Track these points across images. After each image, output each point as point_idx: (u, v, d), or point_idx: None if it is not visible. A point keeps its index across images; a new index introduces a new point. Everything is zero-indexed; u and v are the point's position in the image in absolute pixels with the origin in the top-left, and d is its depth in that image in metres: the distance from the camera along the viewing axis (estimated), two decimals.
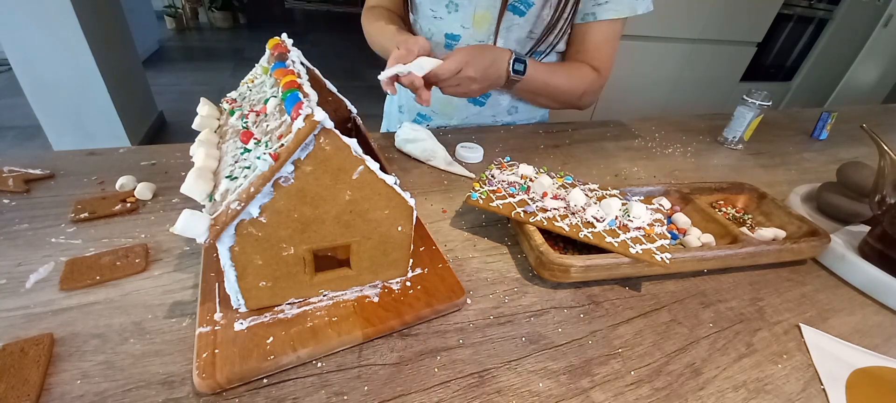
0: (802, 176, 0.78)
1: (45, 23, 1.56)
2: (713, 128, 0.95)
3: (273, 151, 0.27)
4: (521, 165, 0.53)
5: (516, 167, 0.54)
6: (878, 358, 0.40)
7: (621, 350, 0.37)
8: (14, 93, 2.09)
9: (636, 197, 0.55)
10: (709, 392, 0.35)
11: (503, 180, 0.51)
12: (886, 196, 0.50)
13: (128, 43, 2.08)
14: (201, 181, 0.32)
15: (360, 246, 0.35)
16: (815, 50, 2.90)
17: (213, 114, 0.43)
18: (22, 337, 0.31)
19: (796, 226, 0.53)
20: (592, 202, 0.48)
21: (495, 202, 0.47)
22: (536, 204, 0.47)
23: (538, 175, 0.52)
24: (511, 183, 0.50)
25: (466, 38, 0.74)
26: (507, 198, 0.48)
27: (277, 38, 0.42)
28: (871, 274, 0.48)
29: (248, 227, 0.29)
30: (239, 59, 3.65)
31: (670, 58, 2.32)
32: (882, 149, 0.51)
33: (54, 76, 1.67)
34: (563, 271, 0.41)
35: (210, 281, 0.36)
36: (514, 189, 0.49)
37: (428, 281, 0.39)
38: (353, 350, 0.34)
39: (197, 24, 4.61)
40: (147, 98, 2.29)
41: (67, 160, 0.54)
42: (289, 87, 0.31)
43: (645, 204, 0.47)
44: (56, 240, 0.41)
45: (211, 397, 0.29)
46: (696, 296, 0.45)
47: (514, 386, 0.33)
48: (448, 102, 0.81)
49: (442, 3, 0.71)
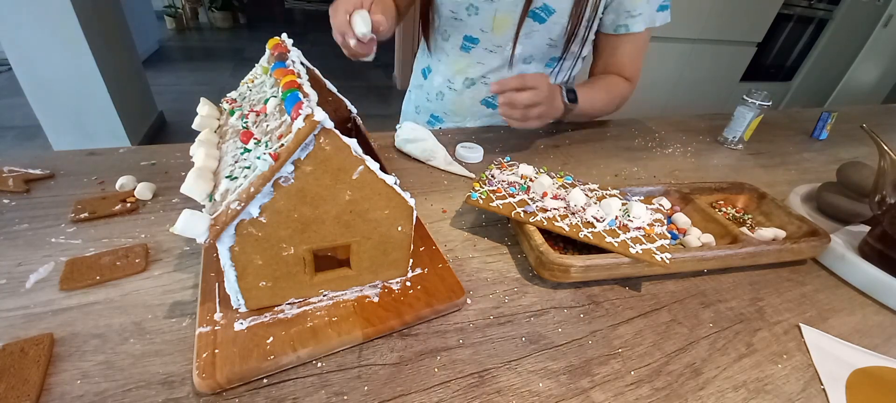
0: (802, 176, 0.78)
1: (45, 23, 1.56)
2: (713, 128, 0.95)
3: (273, 151, 0.27)
4: (521, 165, 0.54)
5: (516, 167, 0.54)
6: (878, 358, 0.40)
7: (621, 350, 0.37)
8: (14, 93, 2.09)
9: (636, 197, 0.55)
10: (709, 392, 0.35)
11: (503, 180, 0.51)
12: (886, 196, 0.50)
13: (128, 43, 2.08)
14: (201, 181, 0.32)
15: (360, 246, 0.35)
16: (815, 50, 2.90)
17: (213, 114, 0.43)
18: (22, 337, 0.31)
19: (796, 226, 0.53)
20: (592, 202, 0.48)
21: (495, 202, 0.47)
22: (536, 204, 0.47)
23: (538, 175, 0.52)
24: (511, 183, 0.50)
25: (485, 42, 0.74)
26: (507, 198, 0.48)
27: (277, 38, 0.42)
28: (871, 274, 0.48)
29: (248, 227, 0.29)
30: (239, 59, 3.65)
31: (670, 58, 2.32)
32: (882, 149, 0.51)
33: (54, 76, 1.67)
34: (563, 271, 0.41)
35: (210, 281, 0.36)
36: (514, 189, 0.49)
37: (428, 281, 0.39)
38: (353, 350, 0.34)
39: (197, 24, 4.62)
40: (147, 98, 2.29)
41: (67, 160, 0.54)
42: (289, 87, 0.31)
43: (645, 205, 0.47)
44: (56, 240, 0.41)
45: (211, 397, 0.29)
46: (696, 296, 0.45)
47: (514, 386, 0.33)
48: (461, 104, 0.81)
49: (462, 6, 0.71)
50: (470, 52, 0.76)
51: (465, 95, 0.80)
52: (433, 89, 0.84)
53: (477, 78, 0.78)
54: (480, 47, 0.74)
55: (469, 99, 0.80)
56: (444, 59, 0.80)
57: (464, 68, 0.78)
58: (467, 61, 0.77)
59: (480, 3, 0.69)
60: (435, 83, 0.83)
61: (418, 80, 0.88)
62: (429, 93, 0.85)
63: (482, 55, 0.75)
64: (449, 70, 0.80)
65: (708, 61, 2.42)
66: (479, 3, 0.69)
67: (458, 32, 0.74)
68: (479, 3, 0.69)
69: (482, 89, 0.79)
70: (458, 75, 0.79)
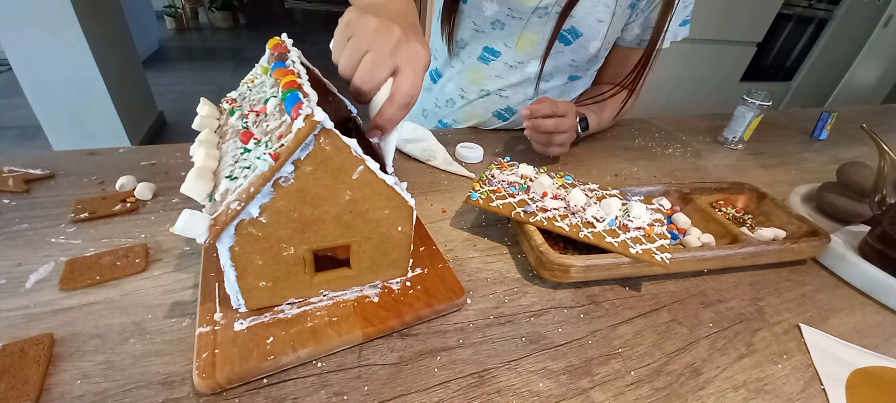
0: (802, 176, 0.78)
1: (45, 23, 1.56)
2: (713, 128, 0.95)
3: (273, 151, 0.27)
4: (521, 165, 0.54)
5: (516, 167, 0.54)
6: (878, 358, 0.40)
7: (621, 350, 0.37)
8: (14, 93, 2.09)
9: (636, 197, 0.55)
10: (709, 392, 0.35)
11: (503, 180, 0.51)
12: (886, 196, 0.50)
13: (128, 43, 2.08)
14: (201, 181, 0.32)
15: (360, 246, 0.35)
16: (815, 50, 2.90)
17: (213, 114, 0.43)
18: (22, 337, 0.31)
19: (796, 226, 0.53)
20: (592, 202, 0.48)
21: (495, 202, 0.47)
22: (536, 205, 0.47)
23: (538, 175, 0.52)
24: (511, 183, 0.50)
25: (506, 57, 0.71)
26: (507, 198, 0.48)
27: (277, 38, 0.42)
28: (871, 274, 0.48)
29: (248, 227, 0.29)
30: (239, 59, 3.65)
31: (670, 58, 2.32)
32: (882, 149, 0.51)
33: (54, 76, 1.67)
34: (563, 271, 0.41)
35: (210, 280, 0.36)
36: (514, 189, 0.49)
37: (428, 281, 0.39)
38: (353, 350, 0.34)
39: (197, 24, 4.61)
40: (147, 98, 2.28)
41: (67, 160, 0.54)
42: (289, 87, 0.31)
43: (645, 205, 0.47)
44: (56, 240, 0.41)
45: (211, 397, 0.29)
46: (696, 296, 0.45)
47: (514, 386, 0.33)
48: (472, 113, 0.79)
49: (488, 20, 0.68)
50: (489, 63, 0.73)
51: (477, 105, 0.77)
52: (443, 95, 0.80)
53: (493, 90, 0.75)
54: (500, 61, 0.72)
55: (481, 109, 0.77)
56: (458, 66, 0.76)
57: (480, 79, 0.75)
58: (485, 73, 0.74)
59: (507, 19, 0.67)
60: (446, 89, 0.80)
61: (427, 83, 0.84)
62: (438, 99, 0.82)
63: (502, 69, 0.73)
64: (463, 79, 0.76)
65: (708, 61, 2.42)
66: (506, 20, 0.67)
67: (479, 43, 0.72)
68: (506, 19, 0.67)
69: (496, 101, 0.76)
70: (473, 85, 0.76)
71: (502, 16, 0.67)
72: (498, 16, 0.67)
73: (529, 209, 0.46)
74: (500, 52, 0.71)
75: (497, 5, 0.66)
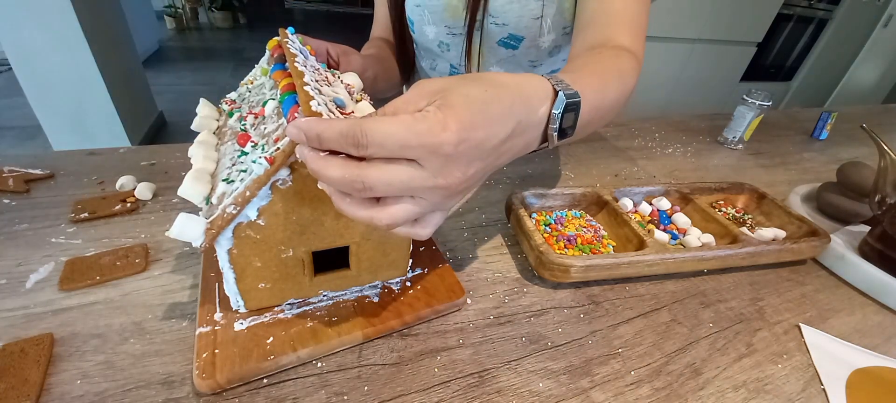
0: (802, 176, 0.78)
1: (45, 23, 1.56)
2: (713, 128, 0.95)
3: (269, 155, 0.27)
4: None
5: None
6: (878, 358, 0.40)
7: (621, 350, 0.37)
8: (14, 93, 2.09)
9: (636, 196, 0.55)
10: (709, 392, 0.35)
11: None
12: (886, 196, 0.50)
13: (128, 43, 2.08)
14: (198, 183, 0.32)
15: (359, 246, 0.35)
16: (815, 50, 2.90)
17: (212, 115, 0.43)
18: (22, 337, 0.31)
19: (796, 226, 0.53)
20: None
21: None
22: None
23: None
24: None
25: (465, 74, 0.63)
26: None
27: (277, 38, 0.42)
28: (871, 274, 0.48)
29: (246, 230, 0.29)
30: (239, 59, 3.65)
31: (670, 58, 2.32)
32: (882, 149, 0.51)
33: (54, 76, 1.67)
34: (563, 271, 0.41)
35: (210, 281, 0.36)
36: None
37: (428, 281, 0.39)
38: (353, 350, 0.34)
39: (197, 24, 4.61)
40: (147, 98, 2.28)
41: (67, 160, 0.54)
42: (286, 90, 0.31)
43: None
44: (56, 240, 0.41)
45: (211, 397, 0.29)
46: (696, 296, 0.45)
47: (514, 386, 0.33)
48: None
49: (434, 42, 0.66)
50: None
51: None
52: None
53: None
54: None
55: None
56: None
57: None
58: None
59: (449, 38, 0.66)
60: None
61: None
62: None
63: None
64: None
65: (708, 61, 2.42)
66: (448, 39, 0.66)
67: (440, 65, 0.71)
68: (448, 38, 0.66)
69: None
70: None
71: (443, 36, 0.66)
72: (439, 37, 0.66)
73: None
74: (460, 69, 0.70)
75: (435, 27, 0.65)
